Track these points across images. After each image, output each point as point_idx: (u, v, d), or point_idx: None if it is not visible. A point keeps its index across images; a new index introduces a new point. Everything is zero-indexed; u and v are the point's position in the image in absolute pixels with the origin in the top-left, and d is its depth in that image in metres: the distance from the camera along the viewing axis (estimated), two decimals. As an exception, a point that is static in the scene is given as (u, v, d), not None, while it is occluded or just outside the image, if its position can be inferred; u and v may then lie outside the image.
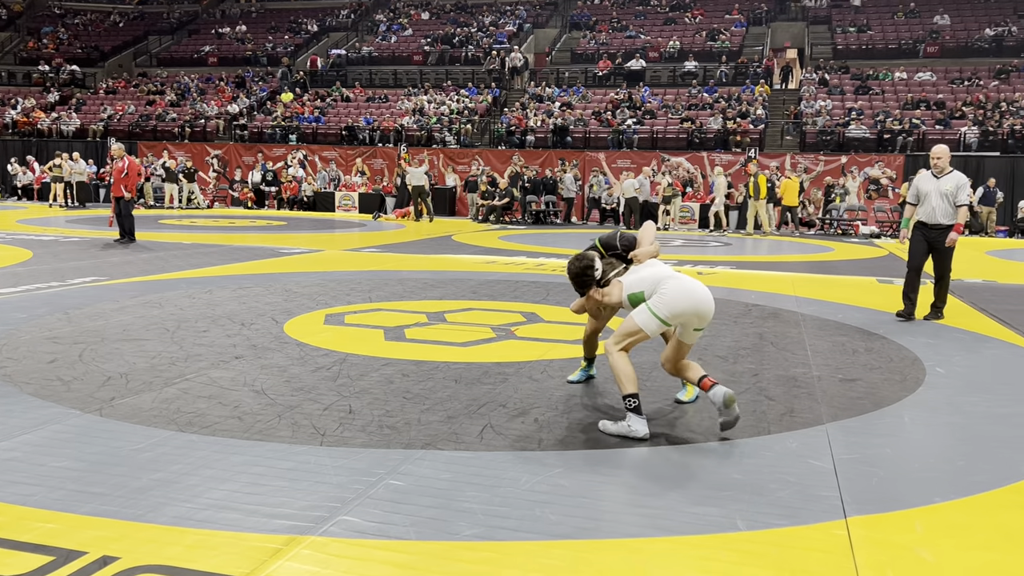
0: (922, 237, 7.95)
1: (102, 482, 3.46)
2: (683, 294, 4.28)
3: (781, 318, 7.90)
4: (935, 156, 7.89)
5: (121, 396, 4.73)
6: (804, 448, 4.10)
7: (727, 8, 32.79)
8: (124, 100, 31.37)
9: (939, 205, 7.76)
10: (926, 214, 7.86)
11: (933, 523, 3.26)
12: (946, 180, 7.79)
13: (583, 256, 4.63)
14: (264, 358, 5.75)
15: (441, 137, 26.26)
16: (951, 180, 7.78)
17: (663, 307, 4.26)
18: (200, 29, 37.92)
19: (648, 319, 4.28)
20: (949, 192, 7.72)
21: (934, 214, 7.80)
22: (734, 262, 13.12)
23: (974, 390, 5.34)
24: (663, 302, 4.27)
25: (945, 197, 7.73)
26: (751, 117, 24.83)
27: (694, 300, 4.29)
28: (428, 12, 36.06)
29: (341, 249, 13.68)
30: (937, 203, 7.76)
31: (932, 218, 7.82)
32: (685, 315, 4.29)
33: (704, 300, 4.33)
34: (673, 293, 4.28)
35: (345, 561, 2.84)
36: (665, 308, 4.26)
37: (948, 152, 7.97)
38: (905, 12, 30.62)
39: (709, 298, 4.36)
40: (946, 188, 7.74)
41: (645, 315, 4.29)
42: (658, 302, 4.28)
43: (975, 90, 25.16)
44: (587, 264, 4.57)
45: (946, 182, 7.78)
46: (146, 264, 10.88)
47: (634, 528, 3.14)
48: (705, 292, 4.35)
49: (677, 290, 4.29)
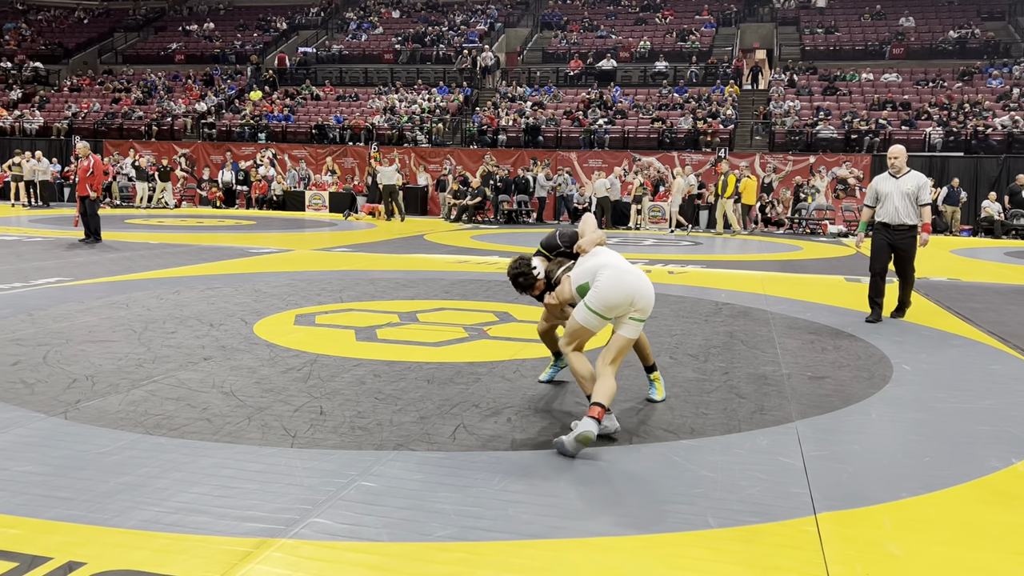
0: (884, 239, 7.88)
1: (67, 486, 3.40)
2: (614, 285, 4.15)
3: (751, 317, 7.97)
4: (892, 156, 7.87)
5: (87, 399, 4.66)
6: (774, 445, 4.13)
7: (697, 9, 33.03)
8: (89, 98, 30.90)
9: (901, 205, 7.71)
10: (888, 215, 7.80)
11: (901, 518, 3.30)
12: (906, 180, 7.75)
13: (521, 257, 4.53)
14: (234, 359, 5.68)
15: (413, 136, 26.17)
16: (911, 180, 7.74)
17: (596, 301, 4.16)
18: (167, 26, 37.46)
19: (586, 315, 4.19)
20: (910, 192, 7.68)
21: (897, 214, 7.75)
22: (704, 261, 13.21)
23: (940, 387, 5.43)
24: (596, 295, 4.16)
25: (907, 197, 7.69)
26: (721, 117, 25.04)
27: (626, 289, 4.14)
28: (399, 10, 35.92)
29: (311, 249, 13.58)
30: (899, 203, 7.71)
31: (895, 219, 7.77)
32: (620, 306, 4.16)
33: (636, 288, 4.17)
34: (604, 285, 4.15)
35: (316, 563, 2.81)
36: (598, 302, 4.15)
37: (905, 151, 7.93)
38: (871, 14, 31.05)
39: (643, 286, 4.20)
40: (907, 188, 7.70)
41: (583, 311, 4.20)
42: (592, 296, 4.17)
43: (939, 91, 25.58)
44: (524, 264, 4.47)
45: (906, 182, 7.74)
46: (112, 264, 10.72)
47: (607, 527, 3.15)
48: (638, 280, 4.21)
49: (608, 281, 4.16)
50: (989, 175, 21.82)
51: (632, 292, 4.14)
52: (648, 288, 4.21)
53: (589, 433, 3.83)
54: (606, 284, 4.15)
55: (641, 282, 4.20)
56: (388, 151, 24.73)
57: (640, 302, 4.17)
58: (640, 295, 4.16)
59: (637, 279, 4.20)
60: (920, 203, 7.72)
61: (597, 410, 3.93)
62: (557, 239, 4.64)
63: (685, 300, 8.88)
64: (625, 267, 4.26)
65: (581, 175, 23.41)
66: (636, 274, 4.24)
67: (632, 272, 4.24)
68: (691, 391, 5.15)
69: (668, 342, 6.64)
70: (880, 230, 7.92)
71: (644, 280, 4.23)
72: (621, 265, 4.27)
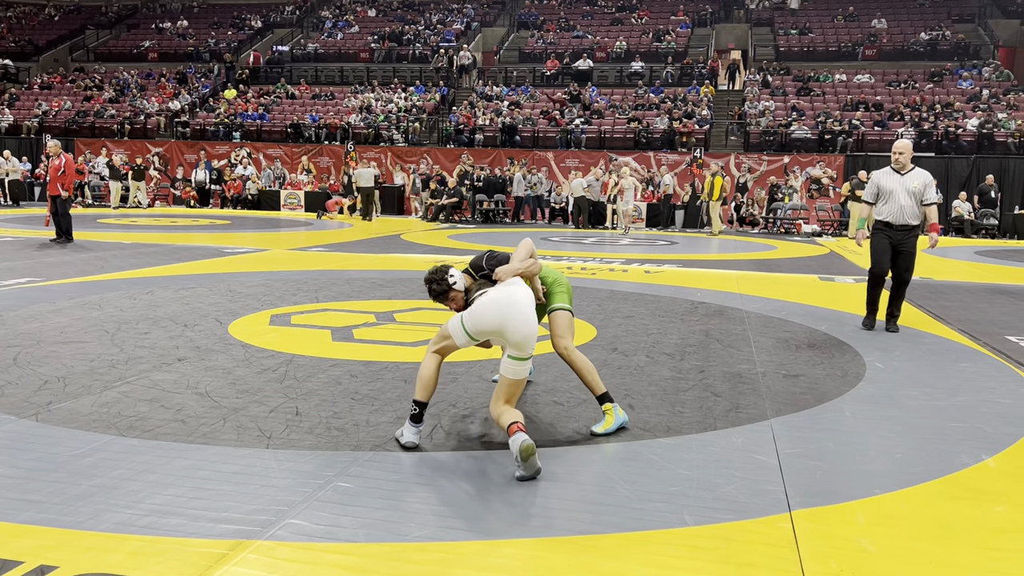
0: (886, 238, 7.38)
1: (39, 489, 3.36)
2: (491, 308, 3.87)
3: (726, 315, 8.03)
4: (897, 151, 7.36)
5: (58, 400, 4.60)
6: (749, 443, 4.17)
7: (672, 9, 33.20)
8: (60, 96, 30.49)
9: (907, 204, 7.24)
10: (891, 214, 7.31)
11: (874, 514, 3.34)
12: (912, 177, 7.30)
13: (443, 266, 4.19)
14: (208, 360, 5.64)
15: (389, 135, 26.08)
16: (917, 177, 7.29)
17: (469, 319, 3.90)
18: (140, 24, 37.04)
19: (457, 328, 3.93)
20: (916, 190, 7.22)
21: (901, 214, 7.27)
22: (680, 260, 13.29)
23: (912, 384, 5.50)
24: (471, 314, 3.90)
25: (912, 195, 7.23)
26: (696, 117, 25.18)
27: (500, 317, 3.84)
28: (375, 9, 35.78)
29: (287, 248, 13.50)
30: (905, 201, 7.24)
31: (899, 218, 7.28)
32: (489, 332, 3.89)
33: (511, 318, 3.82)
34: (483, 305, 3.90)
35: (293, 565, 2.80)
36: (471, 321, 3.90)
37: (911, 148, 7.46)
38: (844, 16, 31.37)
39: (520, 318, 3.83)
40: (913, 186, 7.24)
41: (455, 323, 3.94)
42: (468, 313, 3.93)
43: (911, 92, 25.90)
44: (441, 273, 4.12)
45: (912, 179, 7.28)
46: (84, 264, 10.59)
47: (584, 525, 3.16)
48: (516, 310, 3.86)
49: (488, 303, 3.89)
50: (960, 175, 22.13)
51: (504, 321, 3.83)
52: (524, 323, 3.83)
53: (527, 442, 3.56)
54: (484, 306, 3.90)
55: (517, 313, 3.84)
56: (364, 150, 24.63)
57: (512, 335, 3.81)
58: (512, 326, 3.81)
59: (515, 310, 3.86)
60: (926, 202, 7.29)
61: (513, 427, 3.64)
62: (484, 261, 4.33)
63: (661, 299, 8.93)
64: (511, 295, 3.93)
65: (558, 175, 23.45)
66: (517, 305, 3.89)
67: (514, 302, 3.90)
68: (667, 389, 5.18)
69: (644, 341, 6.68)
70: (882, 230, 7.43)
71: (522, 312, 3.86)
72: (515, 298, 3.92)
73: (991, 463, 3.99)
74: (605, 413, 4.32)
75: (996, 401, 5.12)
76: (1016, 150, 22.45)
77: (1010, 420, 4.70)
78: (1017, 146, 22.53)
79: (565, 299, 4.55)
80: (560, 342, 4.43)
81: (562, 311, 4.50)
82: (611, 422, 4.27)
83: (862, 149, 23.26)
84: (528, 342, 3.85)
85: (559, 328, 4.46)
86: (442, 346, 4.02)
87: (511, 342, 3.85)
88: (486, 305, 3.91)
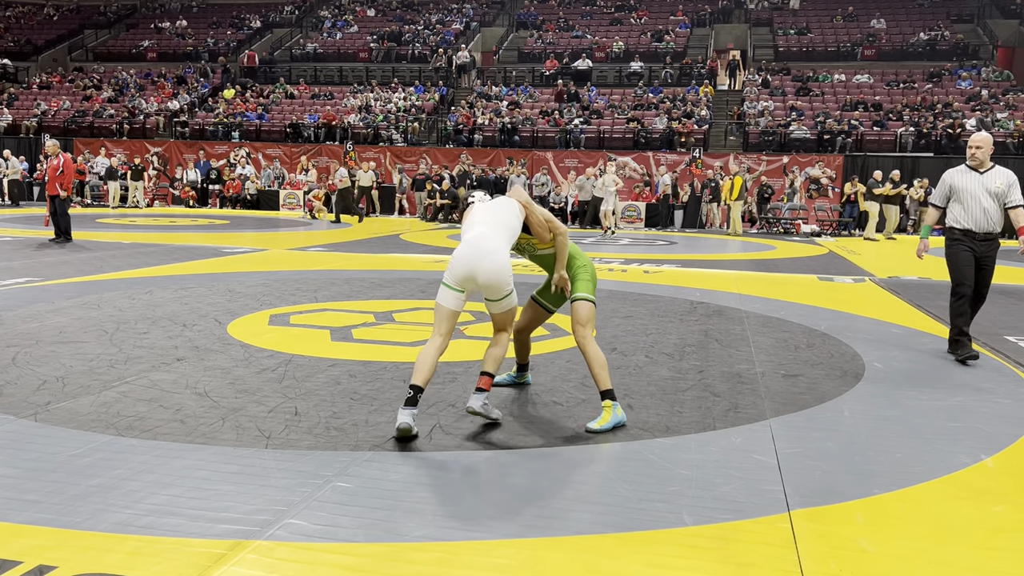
0: (967, 249, 6.22)
1: (38, 489, 3.36)
2: (461, 257, 4.16)
3: (725, 315, 8.03)
4: (975, 145, 6.23)
5: (57, 400, 4.59)
6: (748, 443, 4.17)
7: (672, 9, 33.21)
8: (59, 95, 30.47)
9: (990, 207, 6.11)
10: (973, 220, 6.16)
11: (873, 514, 3.34)
12: (993, 176, 6.18)
13: None
14: (207, 360, 5.63)
15: (388, 135, 26.08)
16: (1000, 177, 6.17)
17: (447, 273, 4.18)
18: (139, 23, 37.03)
19: (439, 292, 4.23)
20: (1000, 191, 6.11)
21: (986, 219, 6.14)
22: (679, 260, 13.29)
23: (911, 384, 5.50)
24: (448, 268, 4.18)
25: (995, 197, 6.12)
26: (695, 117, 25.19)
27: (468, 264, 4.12)
28: (374, 9, 35.78)
29: (286, 248, 13.49)
30: (988, 204, 6.11)
31: (983, 225, 6.16)
32: (463, 279, 4.15)
33: (470, 259, 4.12)
34: (454, 258, 4.17)
35: (292, 565, 2.80)
36: (448, 273, 4.18)
37: (991, 141, 6.34)
38: (843, 16, 31.39)
39: (477, 258, 4.12)
40: (996, 186, 6.11)
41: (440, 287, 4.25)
42: (446, 271, 4.21)
43: (910, 92, 25.92)
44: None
45: (993, 178, 6.16)
46: (83, 264, 10.58)
47: (583, 525, 3.16)
48: (473, 250, 4.14)
49: (458, 254, 4.17)
50: (958, 175, 22.11)
51: (472, 267, 4.13)
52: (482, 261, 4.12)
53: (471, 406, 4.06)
54: (453, 258, 4.20)
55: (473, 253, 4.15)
56: (364, 150, 24.62)
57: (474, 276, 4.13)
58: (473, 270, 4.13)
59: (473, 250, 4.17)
60: (1011, 204, 6.15)
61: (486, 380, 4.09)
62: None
63: (660, 299, 8.93)
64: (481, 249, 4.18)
65: (557, 175, 23.45)
66: (474, 245, 4.18)
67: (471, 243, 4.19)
68: (666, 389, 5.18)
69: (644, 340, 6.67)
70: (960, 240, 6.26)
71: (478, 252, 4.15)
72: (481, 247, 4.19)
73: (990, 463, 3.99)
74: (603, 409, 4.34)
75: (995, 401, 5.12)
76: (1015, 150, 22.46)
77: (1009, 420, 4.70)
78: (1016, 146, 22.54)
79: (589, 287, 4.60)
80: (579, 329, 4.49)
81: (584, 301, 4.55)
82: (607, 418, 4.29)
83: (861, 149, 23.28)
84: (496, 286, 4.17)
85: (579, 317, 4.52)
86: (438, 321, 4.21)
87: (481, 285, 4.16)
88: (457, 256, 4.18)
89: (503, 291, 4.22)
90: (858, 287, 10.50)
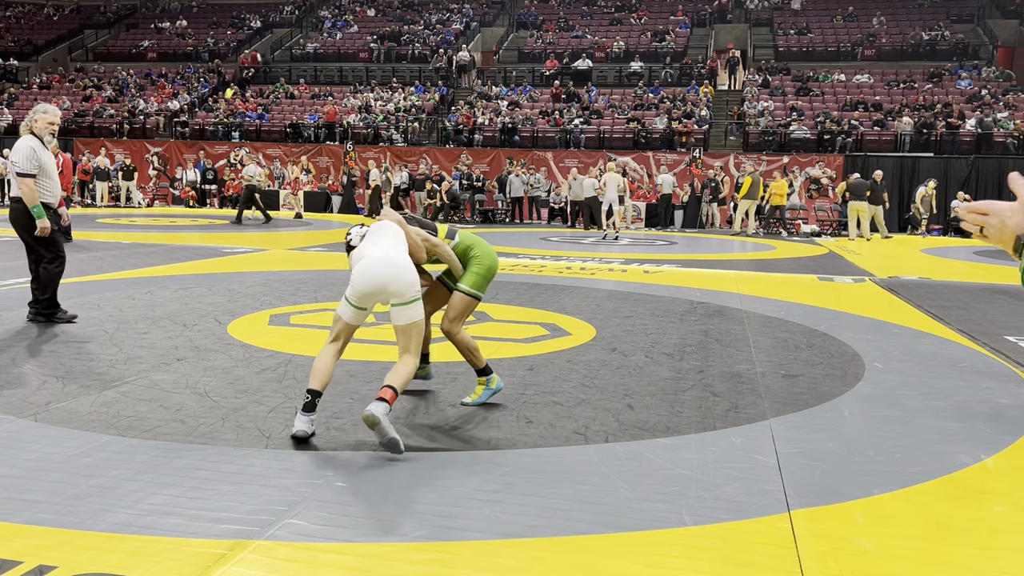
0: None
1: (38, 489, 3.35)
2: (366, 273, 4.02)
3: (725, 315, 8.02)
4: None
5: (57, 400, 4.59)
6: (748, 443, 4.17)
7: (672, 9, 33.20)
8: (59, 95, 30.44)
9: None
10: None
11: (873, 514, 3.34)
12: None
13: None
14: (207, 360, 5.63)
15: (388, 135, 26.08)
16: None
17: (350, 291, 4.06)
18: (139, 23, 37.03)
19: (341, 306, 4.12)
20: None
21: None
22: (679, 260, 13.29)
23: (911, 384, 5.50)
24: (351, 286, 4.06)
25: None
26: (695, 117, 25.18)
27: (372, 275, 4.01)
28: (374, 9, 35.78)
29: (286, 248, 13.49)
30: None
31: None
32: (373, 295, 4.03)
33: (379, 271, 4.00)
34: (357, 276, 4.04)
35: (292, 565, 2.80)
36: (351, 292, 4.05)
37: None
38: (843, 16, 31.38)
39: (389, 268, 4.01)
40: None
41: (341, 303, 4.13)
42: (348, 288, 4.09)
43: (910, 92, 25.91)
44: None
45: None
46: (83, 264, 10.58)
47: (583, 525, 3.16)
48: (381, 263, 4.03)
49: (360, 271, 4.04)
50: (959, 175, 22.13)
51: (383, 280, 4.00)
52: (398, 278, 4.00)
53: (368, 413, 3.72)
54: (357, 276, 4.04)
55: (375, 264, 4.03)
56: (364, 150, 24.62)
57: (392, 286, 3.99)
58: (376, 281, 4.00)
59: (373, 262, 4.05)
60: None
61: (389, 393, 3.84)
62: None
63: (660, 299, 8.93)
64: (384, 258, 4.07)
65: (557, 175, 23.45)
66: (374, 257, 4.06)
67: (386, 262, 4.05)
68: (666, 389, 5.18)
69: (644, 340, 6.67)
70: None
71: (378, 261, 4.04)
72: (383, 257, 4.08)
73: (990, 463, 3.99)
74: (478, 385, 4.67)
75: (995, 401, 5.12)
76: (1015, 150, 22.46)
77: (1009, 420, 4.70)
78: (1016, 146, 22.55)
79: (475, 281, 4.63)
80: (446, 323, 4.62)
81: (463, 295, 4.62)
82: (479, 393, 4.67)
83: (861, 149, 23.27)
84: (407, 289, 4.01)
85: (452, 310, 4.62)
86: (336, 331, 4.13)
87: (392, 293, 4.00)
88: (362, 273, 4.02)
89: (409, 295, 4.02)
90: (858, 287, 10.50)
